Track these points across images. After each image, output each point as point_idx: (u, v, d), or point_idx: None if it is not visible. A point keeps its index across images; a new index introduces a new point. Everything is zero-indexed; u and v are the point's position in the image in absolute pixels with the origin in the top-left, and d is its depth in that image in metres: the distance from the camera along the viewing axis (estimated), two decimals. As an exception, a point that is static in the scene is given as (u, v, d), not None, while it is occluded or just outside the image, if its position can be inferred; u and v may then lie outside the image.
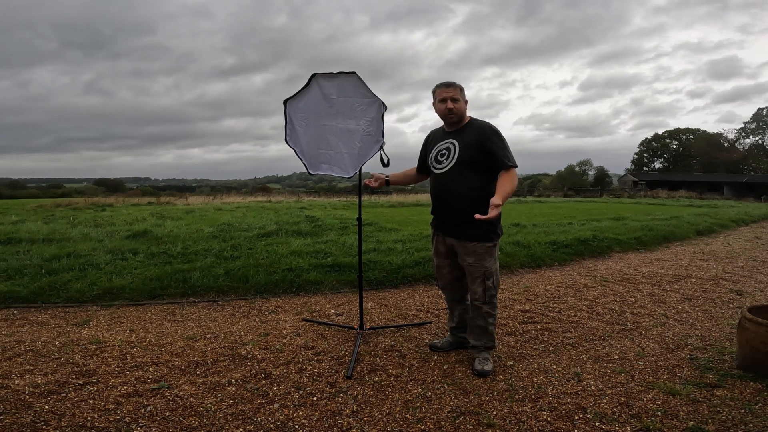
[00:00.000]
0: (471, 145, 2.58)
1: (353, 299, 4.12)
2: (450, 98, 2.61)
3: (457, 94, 2.62)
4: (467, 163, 2.57)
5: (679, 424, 2.06)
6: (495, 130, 2.61)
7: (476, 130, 2.62)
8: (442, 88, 2.64)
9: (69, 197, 25.48)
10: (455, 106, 2.61)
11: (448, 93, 2.61)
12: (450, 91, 2.62)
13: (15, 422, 2.05)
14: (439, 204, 2.73)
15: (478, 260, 2.60)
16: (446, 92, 2.61)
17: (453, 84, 2.64)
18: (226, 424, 2.07)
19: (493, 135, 2.57)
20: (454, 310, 2.95)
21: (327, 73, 3.00)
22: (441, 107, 2.63)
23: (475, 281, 2.63)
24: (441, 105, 2.63)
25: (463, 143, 2.61)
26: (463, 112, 2.67)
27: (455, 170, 2.61)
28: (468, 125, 2.67)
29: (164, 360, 2.78)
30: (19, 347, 2.97)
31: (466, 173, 2.58)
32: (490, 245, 2.61)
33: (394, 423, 2.11)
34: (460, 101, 2.63)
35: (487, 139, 2.55)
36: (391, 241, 6.39)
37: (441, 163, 2.68)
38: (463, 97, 2.66)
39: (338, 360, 2.80)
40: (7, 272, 4.72)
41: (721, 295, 4.37)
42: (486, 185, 2.57)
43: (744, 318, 2.60)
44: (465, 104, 2.68)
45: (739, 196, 33.88)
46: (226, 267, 4.88)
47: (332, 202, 18.37)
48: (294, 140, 3.08)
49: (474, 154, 2.56)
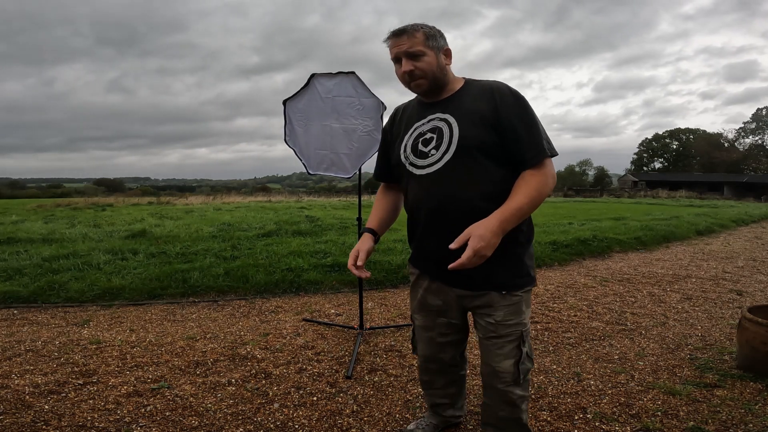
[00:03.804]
0: (477, 118, 1.50)
1: (353, 299, 4.12)
2: (405, 54, 1.50)
3: (418, 44, 1.50)
4: (476, 150, 1.49)
5: (679, 424, 2.06)
6: (515, 93, 1.51)
7: (482, 94, 1.53)
8: (392, 39, 1.53)
9: (69, 197, 25.49)
10: (418, 66, 1.50)
11: (401, 46, 1.50)
12: (403, 41, 1.50)
13: (15, 422, 2.05)
14: (428, 227, 1.58)
15: (511, 316, 1.57)
16: (398, 45, 1.51)
17: (407, 30, 1.50)
18: (226, 424, 2.07)
19: (515, 101, 1.50)
20: (435, 383, 1.91)
21: (326, 73, 3.00)
22: (399, 74, 1.57)
23: (501, 350, 1.58)
24: (398, 69, 1.56)
25: (463, 118, 1.52)
26: (440, 71, 1.55)
27: (455, 165, 1.50)
28: (464, 89, 1.59)
29: (164, 360, 2.78)
30: (19, 347, 2.97)
31: (475, 168, 1.50)
32: (529, 290, 1.62)
33: (394, 423, 2.10)
34: (427, 55, 1.50)
35: (506, 107, 1.48)
36: (391, 241, 6.39)
37: (425, 157, 1.56)
38: (435, 45, 1.53)
39: (338, 360, 2.80)
40: (6, 272, 4.72)
41: (721, 295, 4.37)
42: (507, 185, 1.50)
43: (744, 318, 2.60)
44: (445, 57, 1.56)
45: (739, 196, 33.88)
46: (225, 267, 4.88)
47: (332, 202, 18.37)
48: (293, 140, 3.08)
49: (484, 133, 1.48)
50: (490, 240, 1.36)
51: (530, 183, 1.44)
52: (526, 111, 1.50)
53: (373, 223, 1.79)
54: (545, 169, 1.47)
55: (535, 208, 1.46)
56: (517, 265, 1.58)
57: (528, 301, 1.62)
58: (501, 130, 1.48)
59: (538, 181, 1.44)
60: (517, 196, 1.43)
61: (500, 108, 1.48)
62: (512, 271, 1.57)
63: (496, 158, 1.50)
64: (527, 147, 1.46)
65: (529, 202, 1.43)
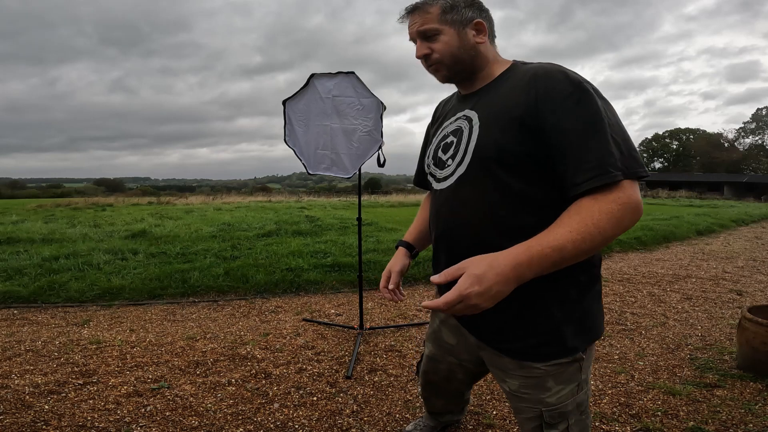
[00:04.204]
0: (505, 118, 1.07)
1: (353, 299, 4.12)
2: (418, 34, 1.17)
3: (431, 20, 1.15)
4: (496, 164, 1.08)
5: (679, 424, 2.06)
6: (571, 79, 1.02)
7: (521, 83, 1.08)
8: (406, 17, 1.20)
9: (69, 197, 25.50)
10: (435, 48, 1.16)
11: (413, 25, 1.18)
12: (415, 18, 1.17)
13: (15, 422, 2.05)
14: (437, 256, 1.27)
15: (528, 390, 1.16)
16: (411, 24, 1.19)
17: (419, 5, 1.17)
18: (226, 424, 2.07)
19: (567, 93, 1.01)
20: (434, 403, 1.78)
21: (326, 73, 3.00)
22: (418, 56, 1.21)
23: (522, 427, 1.25)
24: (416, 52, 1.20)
25: (487, 117, 1.12)
26: (466, 51, 1.16)
27: (467, 182, 1.13)
28: (504, 76, 1.16)
29: (164, 360, 2.78)
30: (19, 347, 2.97)
31: (491, 188, 1.09)
32: (563, 363, 1.13)
33: (394, 423, 2.10)
34: (443, 33, 1.15)
35: (549, 101, 1.01)
36: (391, 241, 6.40)
37: (442, 166, 1.22)
38: (456, 19, 1.15)
39: (338, 360, 2.80)
40: (6, 272, 4.72)
41: (721, 295, 4.37)
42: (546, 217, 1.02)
43: (744, 318, 2.60)
44: (476, 33, 1.17)
45: (739, 196, 33.88)
46: (225, 267, 4.88)
47: (332, 202, 18.37)
48: (293, 140, 3.08)
49: (511, 140, 1.05)
50: (491, 287, 0.88)
51: (586, 213, 0.93)
52: (585, 107, 0.97)
53: (411, 235, 1.50)
54: (617, 194, 0.93)
55: (591, 250, 0.93)
56: (546, 327, 1.08)
57: (566, 376, 1.11)
58: (542, 135, 1.00)
59: (601, 212, 0.92)
60: (559, 228, 0.93)
61: (540, 103, 1.00)
62: (534, 334, 1.09)
63: (528, 177, 1.03)
64: (579, 162, 0.95)
65: (579, 240, 0.91)
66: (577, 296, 1.11)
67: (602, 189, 0.95)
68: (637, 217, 0.96)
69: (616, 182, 0.94)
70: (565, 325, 1.10)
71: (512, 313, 1.09)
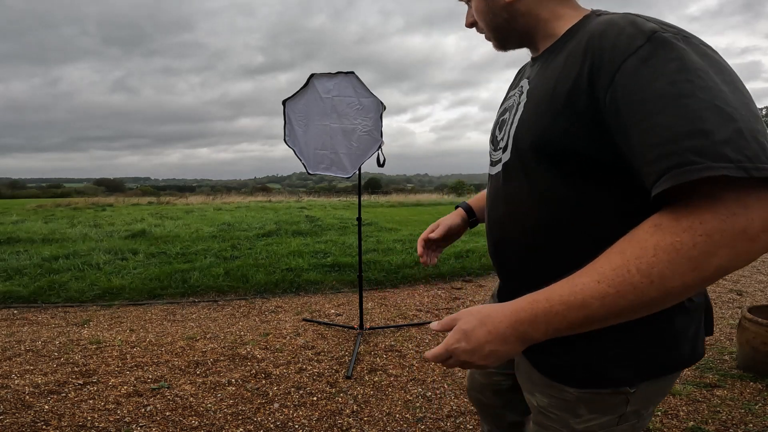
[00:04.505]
0: (548, 95, 0.75)
1: (353, 299, 4.12)
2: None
3: None
4: (532, 153, 0.78)
5: (679, 424, 2.06)
6: (645, 31, 0.63)
7: (579, 47, 0.71)
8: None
9: (69, 197, 25.52)
10: (477, 5, 0.89)
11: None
12: None
13: (15, 422, 2.05)
14: (491, 250, 0.98)
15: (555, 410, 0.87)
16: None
17: None
18: (226, 424, 2.07)
19: (632, 50, 0.62)
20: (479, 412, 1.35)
21: (325, 73, 3.01)
22: None
23: None
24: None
25: (533, 91, 0.82)
26: (505, 11, 0.85)
27: (510, 172, 0.86)
28: (567, 36, 0.79)
29: (164, 360, 2.78)
30: (19, 347, 2.98)
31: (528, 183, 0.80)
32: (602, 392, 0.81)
33: (394, 423, 2.11)
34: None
35: (606, 67, 0.64)
36: (391, 241, 6.40)
37: (497, 147, 0.93)
38: None
39: (338, 360, 2.80)
40: (6, 272, 4.73)
41: (721, 295, 4.37)
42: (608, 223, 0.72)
43: (744, 318, 2.60)
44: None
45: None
46: (225, 267, 4.89)
47: (332, 202, 18.38)
48: (293, 140, 3.09)
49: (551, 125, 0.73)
50: (482, 345, 0.69)
51: (635, 248, 0.59)
52: (663, 65, 0.60)
53: (476, 200, 1.22)
54: (703, 211, 0.56)
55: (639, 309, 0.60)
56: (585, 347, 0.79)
57: (603, 405, 0.82)
58: (599, 120, 0.66)
59: (658, 247, 0.57)
60: (584, 275, 0.62)
61: (596, 71, 0.66)
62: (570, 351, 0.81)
63: (588, 178, 0.72)
64: (650, 155, 0.58)
65: (613, 296, 0.59)
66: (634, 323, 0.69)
67: (685, 198, 0.57)
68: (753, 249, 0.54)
69: (713, 183, 0.54)
70: (612, 349, 0.78)
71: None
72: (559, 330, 0.65)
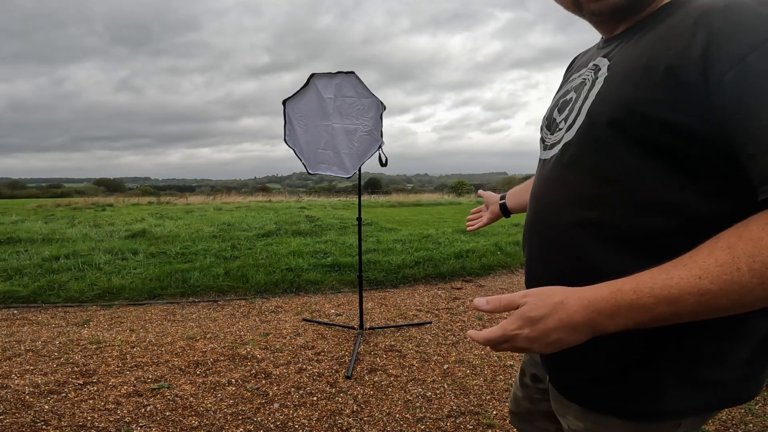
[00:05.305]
0: (644, 65, 0.65)
1: (353, 299, 4.12)
2: None
3: None
4: (611, 129, 0.68)
5: (679, 423, 2.06)
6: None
7: (686, 22, 0.63)
8: None
9: (69, 197, 25.53)
10: None
11: None
12: None
13: (15, 422, 2.05)
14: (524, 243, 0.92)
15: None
16: None
17: None
18: (226, 424, 2.07)
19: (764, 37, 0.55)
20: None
21: (326, 73, 3.01)
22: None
23: None
24: None
25: (620, 63, 0.72)
26: None
27: (573, 152, 0.75)
28: (664, 12, 0.70)
29: (164, 360, 2.78)
30: (19, 347, 2.98)
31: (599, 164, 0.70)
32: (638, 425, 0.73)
33: (394, 423, 2.11)
34: None
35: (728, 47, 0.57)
36: (391, 241, 6.40)
37: (555, 130, 0.84)
38: None
39: (338, 360, 2.80)
40: (6, 272, 4.73)
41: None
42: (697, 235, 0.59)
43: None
44: None
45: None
46: (225, 267, 4.89)
47: (332, 202, 18.38)
48: (293, 140, 3.09)
49: (642, 95, 0.64)
50: (549, 333, 0.64)
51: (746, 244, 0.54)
52: None
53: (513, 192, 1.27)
54: None
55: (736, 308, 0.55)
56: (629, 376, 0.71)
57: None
58: (707, 99, 0.59)
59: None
60: (681, 267, 0.57)
61: (714, 49, 0.59)
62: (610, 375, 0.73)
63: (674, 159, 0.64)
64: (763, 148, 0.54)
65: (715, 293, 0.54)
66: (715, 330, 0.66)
67: None
68: None
69: None
70: (671, 376, 0.69)
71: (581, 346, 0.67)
72: (640, 324, 0.60)
